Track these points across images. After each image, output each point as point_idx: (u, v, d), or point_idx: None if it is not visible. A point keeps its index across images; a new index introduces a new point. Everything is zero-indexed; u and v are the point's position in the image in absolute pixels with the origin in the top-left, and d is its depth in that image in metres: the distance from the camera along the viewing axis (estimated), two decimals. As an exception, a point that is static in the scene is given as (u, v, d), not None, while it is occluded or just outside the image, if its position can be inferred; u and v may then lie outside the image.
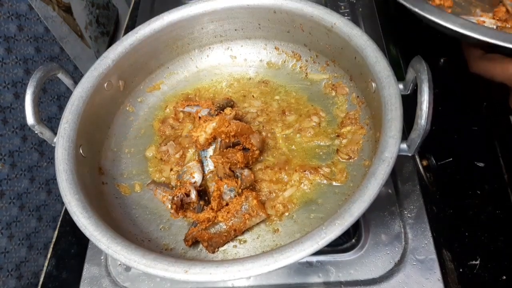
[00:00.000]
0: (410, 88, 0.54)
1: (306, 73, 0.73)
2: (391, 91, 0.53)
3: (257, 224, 0.59)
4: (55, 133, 0.58)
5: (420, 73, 0.48)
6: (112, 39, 1.06)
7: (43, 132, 0.57)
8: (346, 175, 0.61)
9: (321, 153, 0.65)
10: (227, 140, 0.62)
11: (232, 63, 0.77)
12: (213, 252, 0.57)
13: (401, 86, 0.54)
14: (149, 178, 0.66)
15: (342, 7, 0.88)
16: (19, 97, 0.72)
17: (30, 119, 0.55)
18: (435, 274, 0.58)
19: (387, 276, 0.58)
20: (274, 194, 0.61)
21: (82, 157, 0.58)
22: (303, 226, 0.58)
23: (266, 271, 0.44)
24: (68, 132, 0.57)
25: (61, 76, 0.61)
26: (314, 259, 0.61)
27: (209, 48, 0.77)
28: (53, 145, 0.58)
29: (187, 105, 0.72)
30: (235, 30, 0.74)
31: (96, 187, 0.60)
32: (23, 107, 0.55)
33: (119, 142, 0.69)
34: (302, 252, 0.44)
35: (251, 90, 0.74)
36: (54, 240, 0.71)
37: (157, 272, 0.45)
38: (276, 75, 0.75)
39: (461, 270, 0.62)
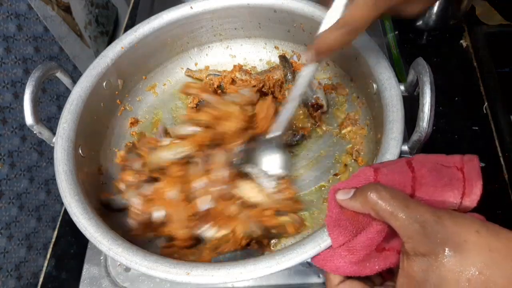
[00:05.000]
0: (412, 89, 0.54)
1: (306, 73, 0.73)
2: (393, 93, 0.53)
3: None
4: (54, 133, 0.57)
5: (422, 75, 0.48)
6: (111, 39, 1.06)
7: (42, 132, 0.56)
8: (347, 177, 0.61)
9: (321, 153, 0.64)
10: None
11: (232, 62, 0.77)
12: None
13: (402, 87, 0.54)
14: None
15: (343, 7, 0.88)
16: (18, 97, 0.72)
17: (29, 119, 0.55)
18: (435, 274, 0.57)
19: (387, 276, 0.58)
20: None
21: (81, 157, 0.58)
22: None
23: (268, 273, 0.44)
24: (67, 132, 0.56)
25: (59, 75, 0.61)
26: (315, 259, 0.60)
27: (209, 47, 0.77)
28: (52, 145, 0.57)
29: None
30: (235, 29, 0.74)
31: (95, 187, 0.60)
32: (23, 107, 0.54)
33: (118, 141, 0.69)
34: (304, 254, 0.43)
35: None
36: (53, 240, 0.71)
37: (159, 274, 0.45)
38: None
39: (461, 270, 0.62)
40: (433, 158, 0.40)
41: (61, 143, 0.55)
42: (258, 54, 0.76)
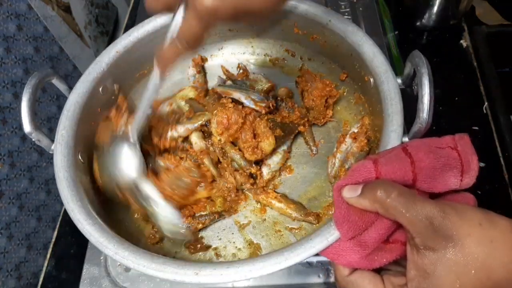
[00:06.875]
0: (409, 82, 0.54)
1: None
2: (390, 86, 0.53)
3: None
4: (53, 140, 0.57)
5: (420, 67, 0.48)
6: (111, 39, 1.06)
7: (40, 140, 0.55)
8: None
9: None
10: None
11: (226, 63, 0.76)
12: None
13: (399, 81, 0.54)
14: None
15: (343, 6, 0.88)
16: (18, 97, 0.72)
17: (26, 126, 0.54)
18: (435, 274, 0.57)
19: (387, 276, 0.58)
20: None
21: (81, 163, 0.57)
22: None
23: (277, 269, 0.43)
24: (66, 139, 0.56)
25: (55, 81, 0.60)
26: (315, 259, 0.60)
27: (203, 49, 0.76)
28: (50, 152, 0.56)
29: None
30: (229, 30, 0.73)
31: (96, 193, 0.59)
32: (22, 108, 0.54)
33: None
34: (312, 249, 0.43)
35: None
36: (53, 240, 0.71)
37: (168, 276, 0.44)
38: (271, 74, 0.74)
39: (461, 270, 0.62)
40: (426, 141, 0.41)
41: (61, 150, 0.55)
42: (253, 54, 0.76)
